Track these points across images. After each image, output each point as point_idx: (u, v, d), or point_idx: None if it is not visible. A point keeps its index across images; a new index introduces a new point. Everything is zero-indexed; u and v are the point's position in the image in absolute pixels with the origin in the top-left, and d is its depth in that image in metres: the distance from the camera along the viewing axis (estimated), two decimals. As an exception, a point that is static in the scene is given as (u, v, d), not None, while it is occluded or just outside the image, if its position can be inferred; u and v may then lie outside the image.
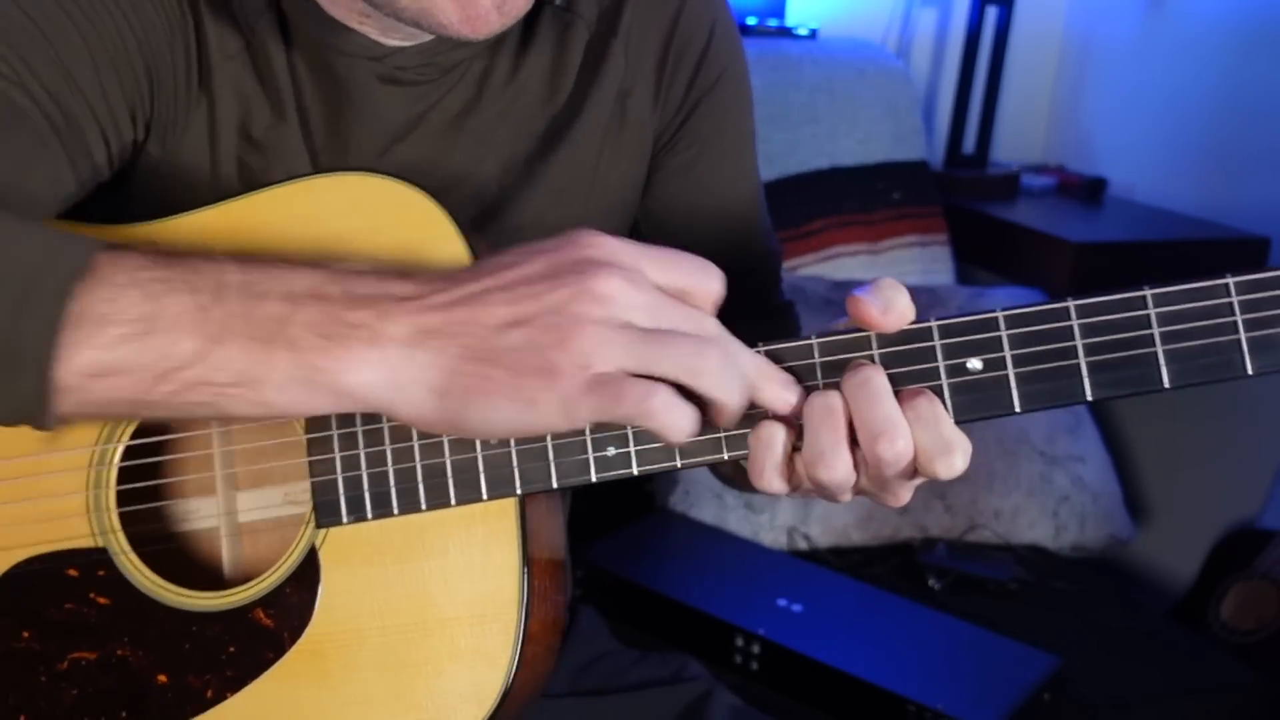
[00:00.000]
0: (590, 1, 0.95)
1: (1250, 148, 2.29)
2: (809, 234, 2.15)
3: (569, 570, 1.03)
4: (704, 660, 1.12)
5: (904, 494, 0.73)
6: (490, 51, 0.92)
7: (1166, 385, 0.70)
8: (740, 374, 0.68)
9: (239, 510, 0.91)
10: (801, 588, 1.64)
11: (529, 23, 0.93)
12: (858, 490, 0.73)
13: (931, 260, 2.24)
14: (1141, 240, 2.27)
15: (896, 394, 0.71)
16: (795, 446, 0.72)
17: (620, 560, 1.69)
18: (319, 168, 0.90)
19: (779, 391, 0.71)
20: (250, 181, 0.89)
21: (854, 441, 0.70)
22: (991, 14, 2.43)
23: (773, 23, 2.38)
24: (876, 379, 0.70)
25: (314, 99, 0.90)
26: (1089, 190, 2.50)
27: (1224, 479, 2.22)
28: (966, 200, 2.39)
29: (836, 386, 0.71)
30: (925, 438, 0.69)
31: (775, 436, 0.71)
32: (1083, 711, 1.54)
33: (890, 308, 0.71)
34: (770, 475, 0.71)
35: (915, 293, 2.28)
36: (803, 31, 2.35)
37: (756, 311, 1.03)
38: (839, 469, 0.70)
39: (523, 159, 0.94)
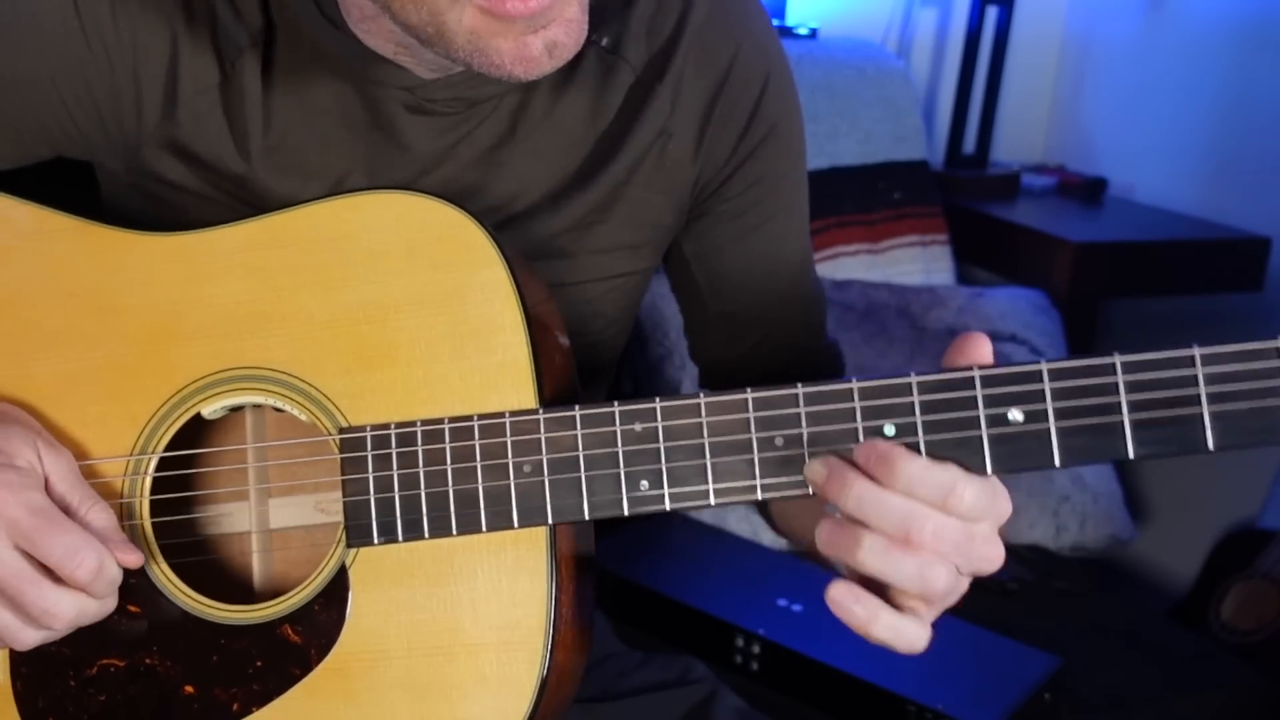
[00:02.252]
0: (639, 46, 0.94)
1: (1251, 148, 2.29)
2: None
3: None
4: (704, 660, 1.12)
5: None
6: (526, 87, 0.92)
7: (1211, 448, 0.70)
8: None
9: (271, 519, 0.92)
10: (801, 588, 1.64)
11: (572, 62, 0.92)
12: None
13: (932, 260, 2.24)
14: (1142, 240, 2.27)
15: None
16: None
17: (621, 560, 1.69)
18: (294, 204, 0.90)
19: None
20: (248, 204, 0.90)
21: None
22: (991, 14, 2.43)
23: (773, 22, 2.37)
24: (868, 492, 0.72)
25: (290, 135, 0.90)
26: (1089, 190, 2.50)
27: (1224, 479, 2.23)
28: (967, 200, 2.39)
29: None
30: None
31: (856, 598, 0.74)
32: (1083, 711, 1.54)
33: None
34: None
35: (915, 293, 2.27)
36: (803, 31, 2.35)
37: (803, 353, 1.04)
38: (942, 577, 0.72)
39: (552, 191, 0.94)
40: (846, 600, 0.73)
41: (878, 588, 0.74)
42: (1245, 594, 2.00)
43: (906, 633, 0.73)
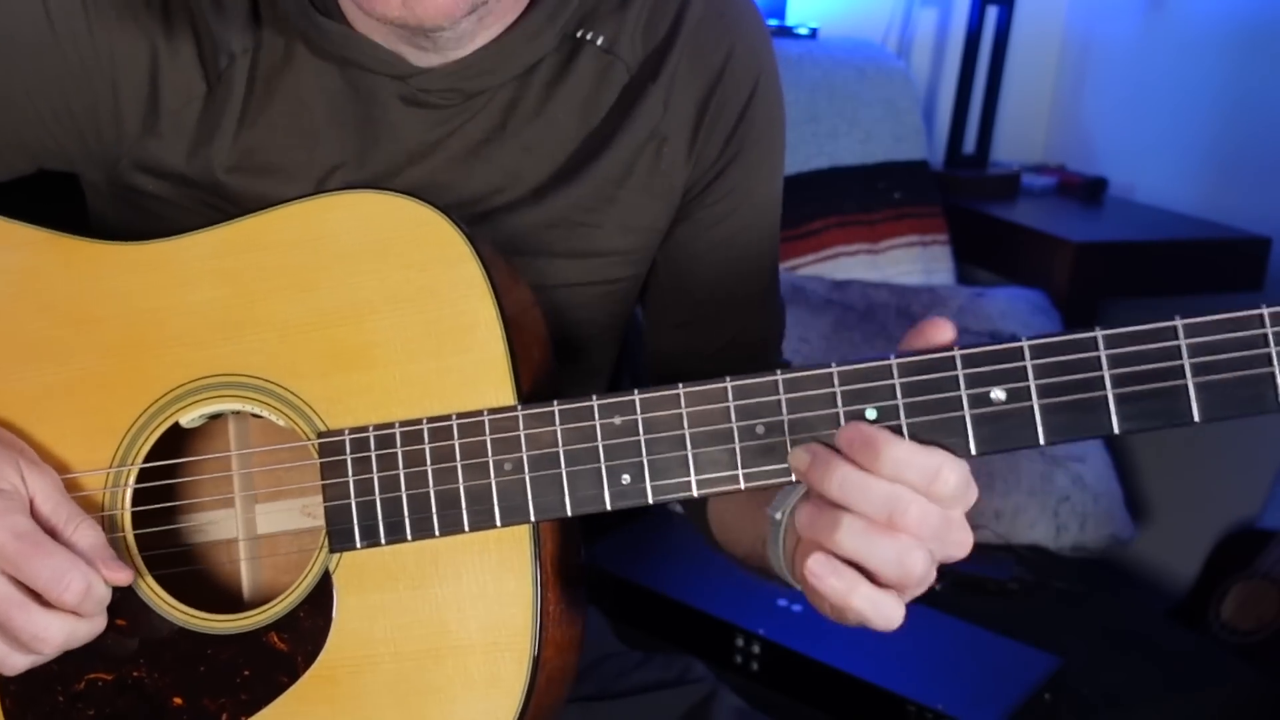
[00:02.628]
0: (634, 45, 0.94)
1: (1251, 147, 2.29)
2: (809, 234, 2.15)
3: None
4: (704, 660, 1.12)
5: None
6: (519, 83, 0.92)
7: (1196, 419, 0.69)
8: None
9: (258, 525, 0.91)
10: (801, 588, 1.64)
11: (567, 59, 0.93)
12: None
13: (932, 260, 2.24)
14: (1142, 240, 2.27)
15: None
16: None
17: (620, 560, 1.69)
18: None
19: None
20: (230, 211, 0.90)
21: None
22: (991, 14, 2.43)
23: (773, 22, 2.38)
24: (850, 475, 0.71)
25: (276, 135, 0.90)
26: (1089, 190, 2.50)
27: (1224, 479, 2.23)
28: (967, 200, 2.39)
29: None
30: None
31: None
32: (1083, 711, 1.54)
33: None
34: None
35: (915, 293, 2.26)
36: (803, 31, 2.35)
37: (758, 368, 1.03)
38: (919, 563, 0.71)
39: (540, 189, 0.94)
40: (824, 571, 0.72)
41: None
42: (1245, 594, 1.99)
43: (884, 606, 0.72)
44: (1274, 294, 2.21)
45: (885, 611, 0.72)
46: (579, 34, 0.93)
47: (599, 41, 0.93)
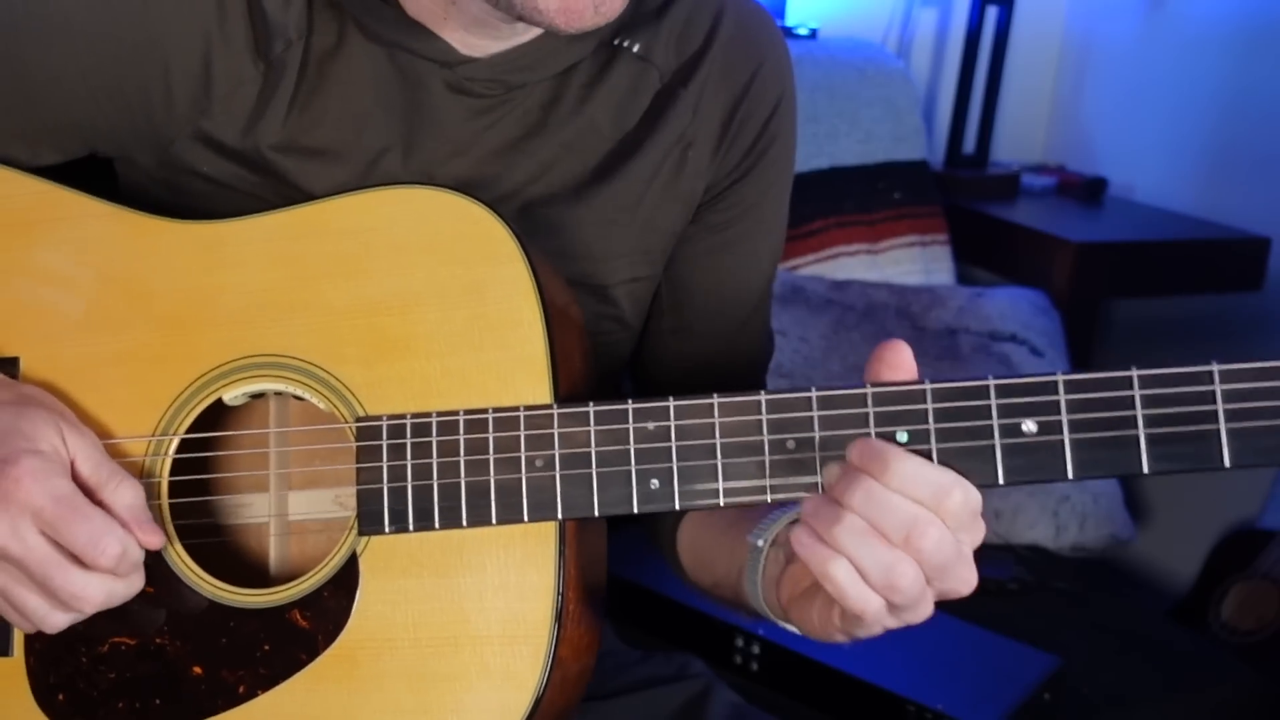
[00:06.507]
0: (668, 53, 0.96)
1: (1250, 147, 2.29)
2: (809, 234, 2.15)
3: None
4: (704, 660, 1.12)
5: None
6: (557, 82, 0.94)
7: (1227, 465, 0.70)
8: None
9: (289, 509, 0.93)
10: (802, 587, 1.63)
11: (604, 64, 0.95)
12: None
13: (931, 260, 2.24)
14: (1141, 240, 2.28)
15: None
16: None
17: (621, 560, 1.68)
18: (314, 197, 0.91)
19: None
20: (279, 193, 0.91)
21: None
22: (991, 14, 2.44)
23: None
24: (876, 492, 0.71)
25: (327, 117, 0.91)
26: (1089, 190, 2.50)
27: (1224, 479, 2.21)
28: (966, 200, 2.40)
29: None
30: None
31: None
32: (1083, 711, 1.54)
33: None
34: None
35: (915, 292, 2.26)
36: (803, 31, 2.36)
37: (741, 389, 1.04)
38: (908, 578, 0.71)
39: (574, 186, 0.95)
40: (809, 541, 0.73)
41: None
42: (1245, 594, 2.00)
43: (861, 586, 0.72)
44: (1274, 294, 2.21)
45: (860, 590, 0.72)
46: (616, 41, 0.95)
47: (635, 48, 0.95)
